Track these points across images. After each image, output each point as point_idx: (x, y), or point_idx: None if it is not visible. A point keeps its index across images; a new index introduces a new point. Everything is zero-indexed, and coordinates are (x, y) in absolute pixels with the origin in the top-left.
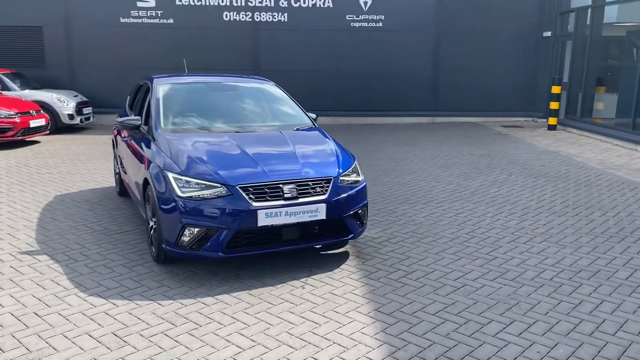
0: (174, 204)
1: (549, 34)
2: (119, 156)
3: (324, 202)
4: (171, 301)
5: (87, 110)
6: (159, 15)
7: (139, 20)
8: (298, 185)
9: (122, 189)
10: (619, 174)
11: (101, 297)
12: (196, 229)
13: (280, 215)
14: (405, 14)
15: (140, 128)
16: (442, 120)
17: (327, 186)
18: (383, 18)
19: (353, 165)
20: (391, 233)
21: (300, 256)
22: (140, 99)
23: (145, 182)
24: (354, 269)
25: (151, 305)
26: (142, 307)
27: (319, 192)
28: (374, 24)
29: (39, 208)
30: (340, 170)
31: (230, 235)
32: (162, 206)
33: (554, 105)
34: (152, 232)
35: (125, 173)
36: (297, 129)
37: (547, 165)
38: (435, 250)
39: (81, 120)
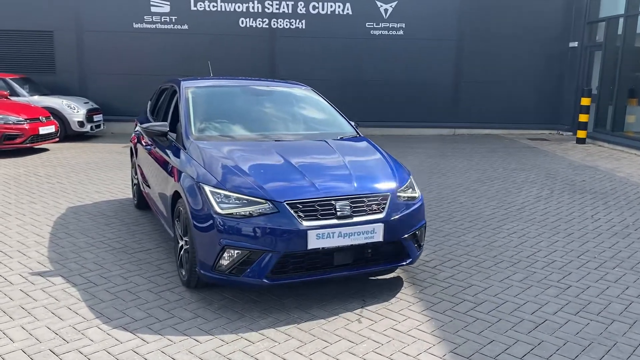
0: (211, 221)
1: (575, 44)
2: (139, 166)
3: (382, 222)
4: (209, 337)
5: (97, 117)
6: (174, 21)
7: (153, 26)
8: (352, 202)
9: (141, 201)
10: None
11: (127, 330)
12: (237, 251)
13: (333, 237)
14: (427, 22)
15: (168, 135)
16: (463, 132)
17: (384, 203)
18: (404, 26)
19: (409, 180)
20: (443, 255)
21: (348, 282)
22: (164, 103)
23: (175, 195)
24: (412, 298)
25: (186, 341)
26: (176, 344)
27: (375, 210)
28: (394, 32)
29: (50, 221)
30: (398, 185)
31: (276, 258)
32: (197, 224)
33: (583, 117)
34: (181, 252)
35: (147, 184)
36: (341, 138)
37: (589, 181)
38: (499, 277)
39: (91, 128)
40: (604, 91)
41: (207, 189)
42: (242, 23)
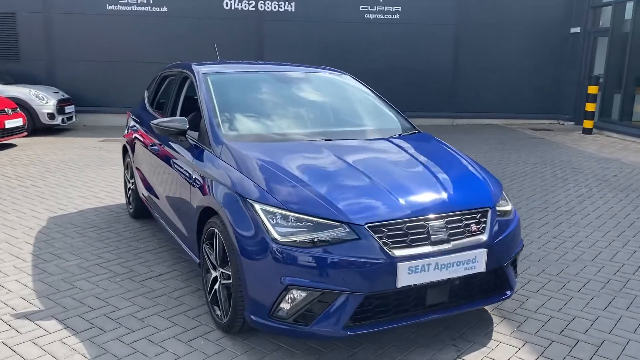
0: (267, 252)
1: (577, 29)
2: (137, 169)
3: (484, 247)
4: None
5: (69, 108)
6: (151, 2)
7: (128, 8)
8: (448, 222)
9: (139, 210)
10: None
11: None
12: (305, 293)
13: (428, 270)
14: (424, 6)
15: (187, 134)
16: (462, 122)
17: (484, 221)
18: (400, 10)
19: (502, 189)
20: (519, 275)
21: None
22: (170, 93)
23: (205, 212)
24: (514, 340)
25: None
26: None
27: (474, 231)
28: (390, 16)
29: (30, 237)
30: (496, 196)
31: (358, 302)
32: (247, 255)
33: (590, 107)
34: (216, 285)
35: (153, 193)
36: (400, 135)
37: (622, 176)
38: (600, 305)
39: (63, 121)
40: (610, 79)
41: (258, 207)
42: (227, 5)
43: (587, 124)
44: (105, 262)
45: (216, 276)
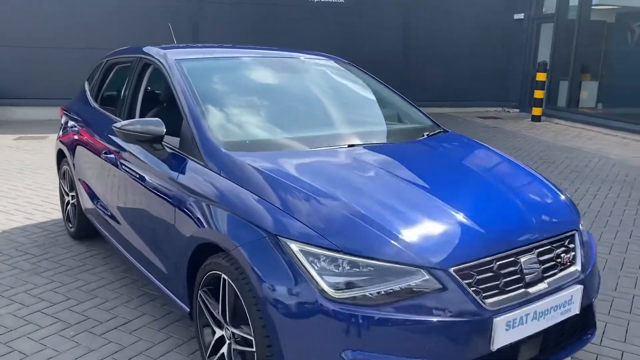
0: (318, 315)
1: (521, 16)
2: (82, 181)
3: (580, 281)
4: None
5: None
6: None
7: None
8: (539, 254)
9: (82, 228)
10: None
11: None
12: None
13: (526, 322)
14: None
15: (164, 142)
16: None
17: (572, 248)
18: None
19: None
20: None
21: None
22: (128, 86)
23: (203, 248)
24: None
25: None
26: None
27: (565, 262)
28: (335, 0)
29: None
30: (578, 215)
31: None
32: (284, 319)
33: (538, 94)
34: (223, 348)
35: (109, 214)
36: (428, 135)
37: (595, 168)
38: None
39: None
40: (557, 66)
41: (296, 247)
42: None
43: (536, 111)
44: (50, 307)
45: (223, 336)
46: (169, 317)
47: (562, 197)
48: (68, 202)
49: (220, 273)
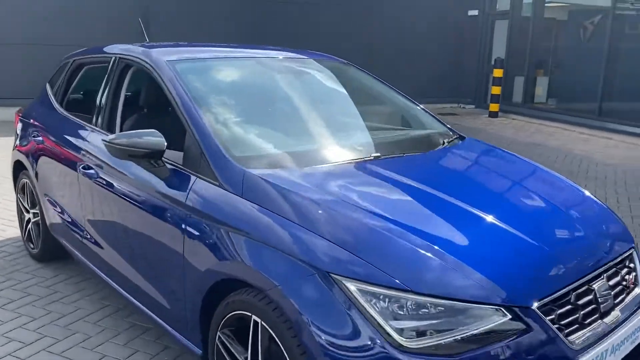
0: None
1: (475, 12)
2: (48, 198)
3: None
4: None
5: None
6: None
7: None
8: (608, 277)
9: (47, 250)
10: None
11: None
12: None
13: (605, 358)
14: None
15: (164, 158)
16: None
17: (632, 267)
18: None
19: None
20: None
21: None
22: (106, 91)
23: (225, 283)
24: None
25: None
26: None
27: (629, 283)
28: None
29: None
30: (625, 230)
31: None
32: None
33: (495, 90)
34: None
35: (89, 238)
36: (448, 142)
37: (567, 164)
38: None
39: None
40: (512, 62)
41: (354, 286)
42: None
43: (493, 107)
44: (21, 349)
45: None
46: (168, 353)
47: (611, 211)
48: (29, 220)
49: (249, 314)
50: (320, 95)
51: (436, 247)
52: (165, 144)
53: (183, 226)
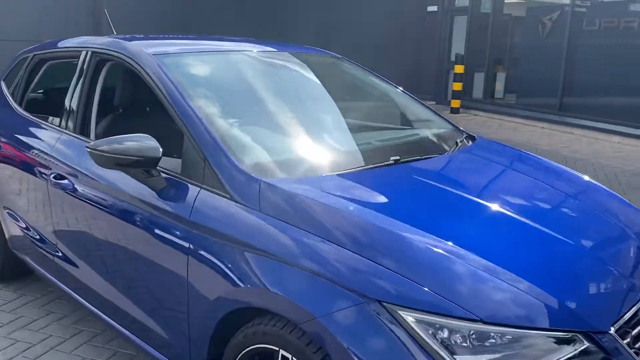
0: None
1: (434, 8)
2: (8, 210)
3: None
4: None
5: None
6: None
7: None
8: None
9: (7, 269)
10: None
11: None
12: None
13: None
14: None
15: (158, 167)
16: None
17: None
18: None
19: None
20: None
21: None
22: (78, 89)
23: (240, 313)
24: None
25: None
26: None
27: None
28: None
29: None
30: None
31: None
32: None
33: (457, 86)
34: None
35: (60, 256)
36: (459, 142)
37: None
38: None
39: None
40: (471, 58)
41: (410, 317)
42: None
43: (455, 103)
44: None
45: None
46: None
47: None
48: None
49: (275, 348)
50: (326, 92)
51: (500, 268)
52: (161, 150)
53: (187, 245)
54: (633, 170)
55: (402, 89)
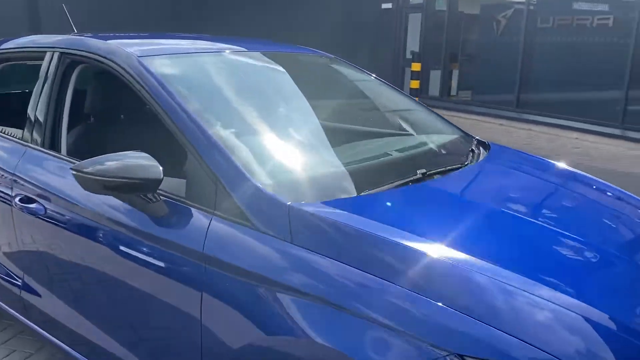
0: None
1: (389, 5)
2: None
3: None
4: None
5: None
6: None
7: None
8: None
9: None
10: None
11: None
12: None
13: None
14: None
15: (160, 190)
16: None
17: None
18: None
19: None
20: None
21: None
22: (44, 96)
23: None
24: None
25: None
26: None
27: None
28: None
29: None
30: None
31: None
32: None
33: (414, 84)
34: None
35: (27, 288)
36: (475, 149)
37: None
38: None
39: None
40: (427, 56)
41: None
42: None
43: None
44: None
45: None
46: None
47: None
48: None
49: None
50: (334, 97)
51: (585, 305)
52: (161, 169)
53: (200, 283)
54: (598, 167)
55: (402, 91)
